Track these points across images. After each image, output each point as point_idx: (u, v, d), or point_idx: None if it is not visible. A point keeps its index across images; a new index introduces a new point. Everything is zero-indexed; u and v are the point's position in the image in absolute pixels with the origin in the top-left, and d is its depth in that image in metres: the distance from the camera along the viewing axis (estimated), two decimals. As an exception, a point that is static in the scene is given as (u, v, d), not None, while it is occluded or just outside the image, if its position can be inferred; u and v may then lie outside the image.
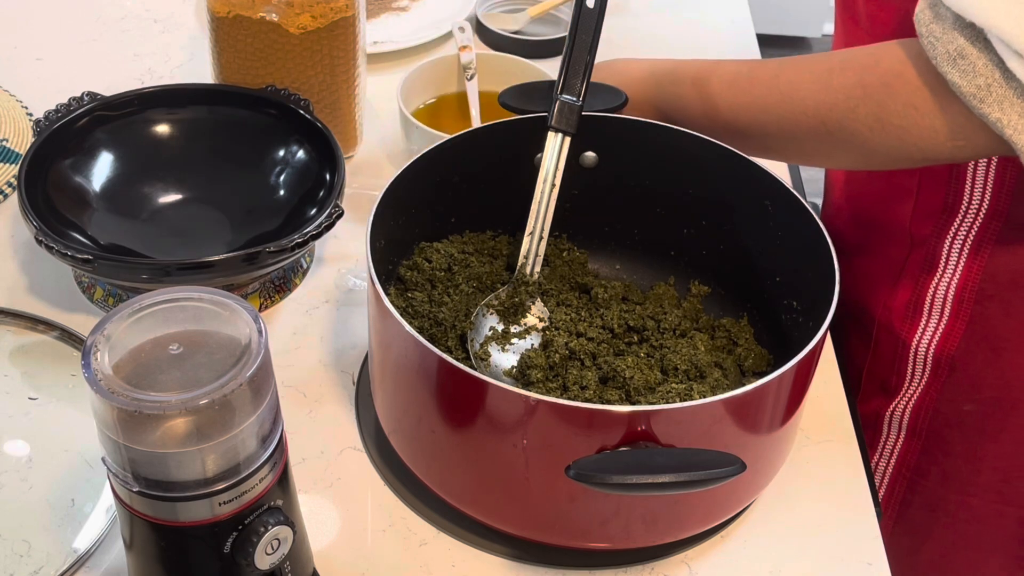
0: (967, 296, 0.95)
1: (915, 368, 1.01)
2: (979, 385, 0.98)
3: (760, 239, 0.91)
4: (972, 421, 1.00)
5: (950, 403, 1.00)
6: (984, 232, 0.93)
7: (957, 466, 1.03)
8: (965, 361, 0.98)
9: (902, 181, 0.96)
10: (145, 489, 0.63)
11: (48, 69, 1.25)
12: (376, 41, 1.28)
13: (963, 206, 0.92)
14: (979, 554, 1.07)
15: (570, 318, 0.89)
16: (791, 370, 0.74)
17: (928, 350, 0.99)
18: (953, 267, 0.95)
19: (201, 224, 1.03)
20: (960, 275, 0.95)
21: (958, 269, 0.95)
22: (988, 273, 0.94)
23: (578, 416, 0.71)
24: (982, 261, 0.94)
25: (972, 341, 0.97)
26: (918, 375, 1.01)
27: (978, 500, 1.04)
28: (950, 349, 0.98)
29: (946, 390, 1.00)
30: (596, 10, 0.89)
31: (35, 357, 0.94)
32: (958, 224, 0.93)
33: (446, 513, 0.84)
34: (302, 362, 0.95)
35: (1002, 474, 1.01)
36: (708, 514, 0.81)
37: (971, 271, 0.94)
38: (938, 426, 1.02)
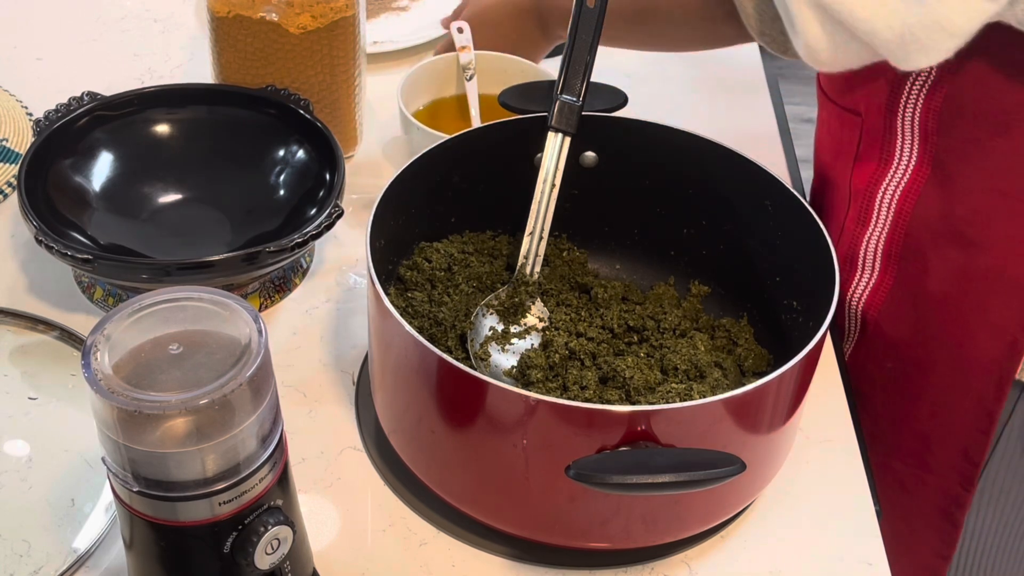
0: (894, 251, 0.96)
1: (849, 323, 1.02)
2: (900, 343, 0.99)
3: (760, 239, 0.91)
4: (894, 380, 1.01)
5: (874, 360, 1.01)
6: (911, 185, 0.93)
7: (882, 428, 1.03)
8: (888, 317, 0.99)
9: (848, 135, 0.98)
10: (145, 489, 0.64)
11: (48, 69, 1.25)
12: (376, 41, 1.28)
13: (895, 158, 0.93)
14: (906, 525, 1.07)
15: (570, 318, 0.89)
16: (791, 370, 0.74)
17: (858, 305, 1.00)
18: (884, 221, 0.95)
19: (201, 224, 1.03)
20: (888, 229, 0.95)
21: (887, 222, 0.95)
22: (912, 228, 0.94)
23: (578, 416, 0.71)
24: (906, 215, 0.94)
25: (895, 297, 0.98)
26: (851, 331, 1.02)
27: (901, 464, 1.04)
28: (877, 305, 0.99)
29: (871, 346, 1.01)
30: (596, 10, 0.89)
31: (35, 357, 0.94)
32: (890, 176, 0.94)
33: (446, 513, 0.84)
34: (302, 362, 0.95)
35: (922, 439, 1.02)
36: (708, 514, 0.81)
37: (897, 225, 0.95)
38: (864, 385, 1.03)
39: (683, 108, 1.25)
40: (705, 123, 0.93)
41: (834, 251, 0.81)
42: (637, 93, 0.97)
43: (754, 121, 1.25)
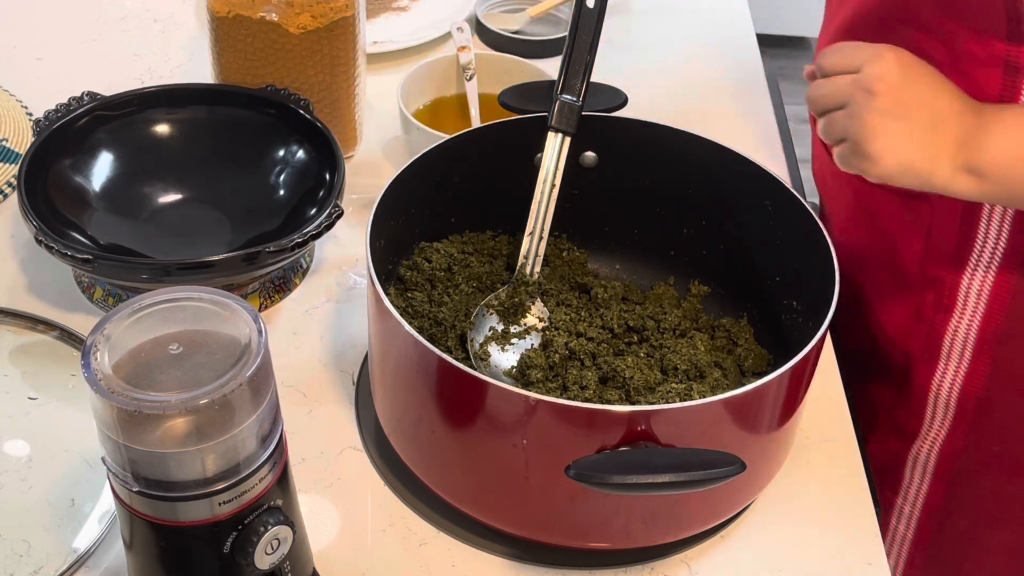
0: (989, 337, 0.92)
1: (936, 411, 0.98)
2: (1008, 427, 0.96)
3: (760, 239, 0.91)
4: (1001, 462, 0.98)
5: (978, 445, 0.97)
6: (1005, 272, 0.90)
7: (986, 505, 1.01)
8: (991, 404, 0.95)
9: (912, 219, 0.93)
10: (145, 489, 0.63)
11: (48, 69, 1.25)
12: (376, 41, 1.28)
13: (977, 244, 0.89)
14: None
15: (570, 318, 0.89)
16: (791, 370, 0.74)
17: (951, 393, 0.96)
18: (972, 308, 0.92)
19: (201, 224, 1.03)
20: (981, 316, 0.92)
21: (978, 310, 0.92)
22: (1011, 313, 0.91)
23: (578, 416, 0.71)
24: (1003, 301, 0.91)
25: (997, 383, 0.94)
26: (939, 418, 0.98)
27: (1011, 533, 1.02)
28: (975, 391, 0.95)
29: (973, 433, 0.97)
30: (596, 10, 0.89)
31: (35, 357, 0.94)
32: (974, 263, 0.90)
33: (446, 513, 0.84)
34: (302, 362, 0.95)
35: None
36: (708, 514, 0.81)
37: (992, 311, 0.91)
38: (965, 468, 0.99)
39: (683, 108, 1.25)
40: (705, 123, 0.93)
41: (834, 251, 0.81)
42: (637, 93, 0.97)
43: (754, 121, 1.25)
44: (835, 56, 0.80)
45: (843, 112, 0.79)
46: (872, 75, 0.77)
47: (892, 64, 0.78)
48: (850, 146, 0.79)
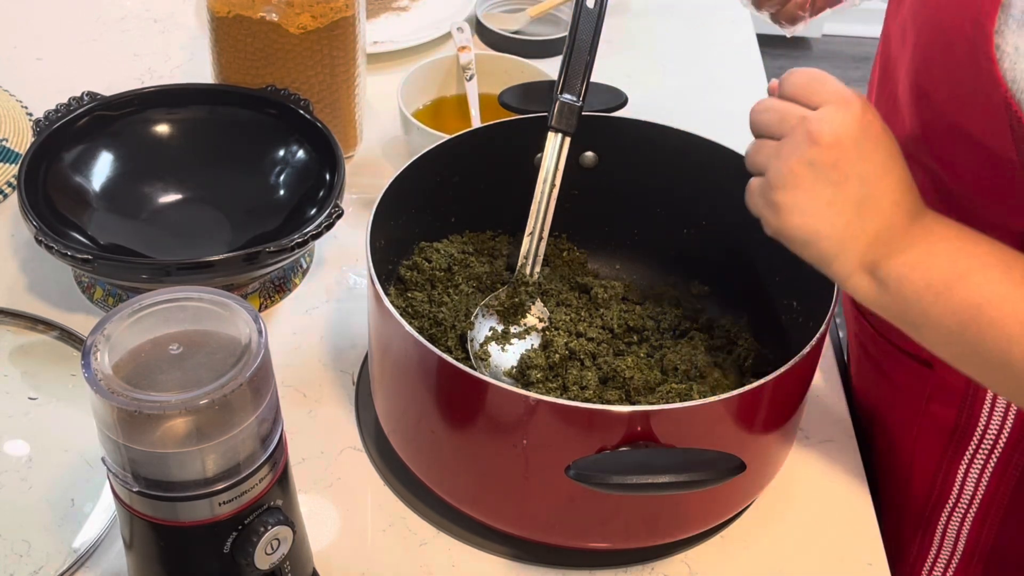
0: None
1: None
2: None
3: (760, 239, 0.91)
4: None
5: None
6: (1006, 464, 0.83)
7: None
8: None
9: (908, 380, 0.87)
10: (145, 489, 0.63)
11: (48, 69, 1.25)
12: (376, 41, 1.28)
13: (978, 431, 0.83)
14: None
15: (570, 318, 0.89)
16: (791, 370, 0.74)
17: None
18: (968, 500, 0.86)
19: (201, 224, 1.03)
20: (976, 510, 0.86)
21: (973, 503, 0.86)
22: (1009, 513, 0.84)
23: (578, 416, 0.71)
24: (1003, 498, 0.84)
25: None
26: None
27: None
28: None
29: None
30: (596, 10, 0.89)
31: (35, 357, 0.94)
32: (973, 451, 0.84)
33: (446, 513, 0.84)
34: (302, 362, 0.95)
35: None
36: (708, 514, 0.81)
37: (989, 513, 0.85)
38: None
39: (683, 108, 1.25)
40: (705, 123, 0.93)
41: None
42: (637, 93, 0.97)
43: (754, 121, 1.25)
44: (801, 82, 0.70)
45: (775, 144, 0.69)
46: (824, 121, 0.67)
47: (852, 120, 0.67)
48: (763, 184, 0.70)
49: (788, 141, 0.68)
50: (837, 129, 0.67)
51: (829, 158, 0.67)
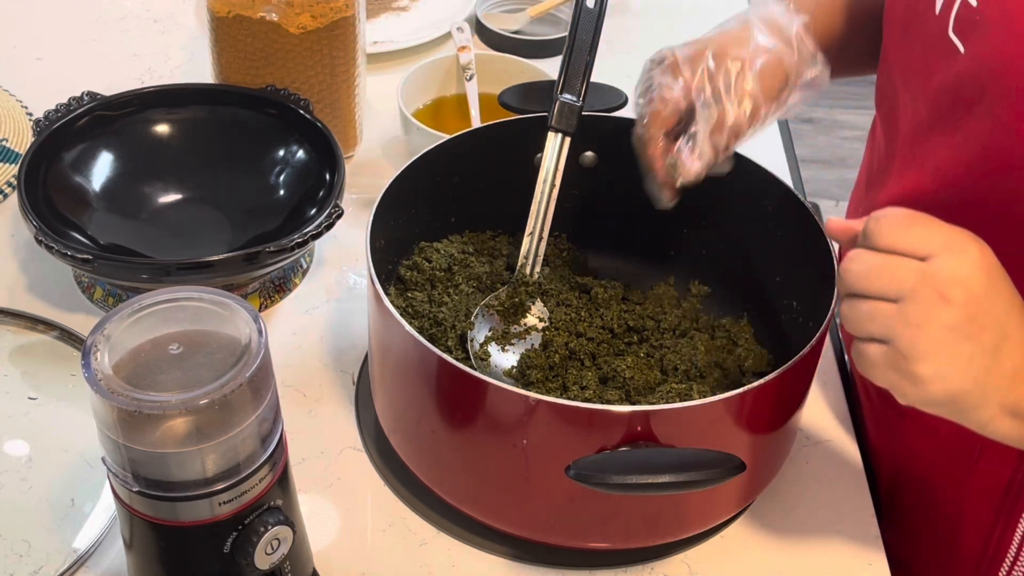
0: None
1: None
2: None
3: (760, 239, 0.91)
4: None
5: None
6: None
7: None
8: None
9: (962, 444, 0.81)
10: (145, 489, 0.63)
11: (48, 69, 1.25)
12: (376, 41, 1.28)
13: None
14: None
15: (570, 318, 0.89)
16: (791, 370, 0.74)
17: None
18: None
19: (201, 224, 1.03)
20: None
21: None
22: None
23: (578, 416, 0.71)
24: None
25: None
26: None
27: None
28: None
29: None
30: (596, 10, 0.89)
31: (35, 357, 0.94)
32: None
33: (446, 513, 0.84)
34: (302, 362, 0.95)
35: None
36: (708, 514, 0.81)
37: None
38: None
39: (683, 108, 1.25)
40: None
41: (834, 251, 0.81)
42: (637, 93, 0.97)
43: (754, 121, 1.25)
44: (899, 230, 0.63)
45: (895, 308, 0.62)
46: (951, 275, 0.61)
47: (977, 266, 0.62)
48: (892, 355, 0.63)
49: (914, 305, 0.62)
50: (967, 283, 0.62)
51: (965, 315, 0.62)
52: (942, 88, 0.74)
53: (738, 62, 0.80)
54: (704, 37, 0.85)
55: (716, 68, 0.80)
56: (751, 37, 0.82)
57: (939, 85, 0.74)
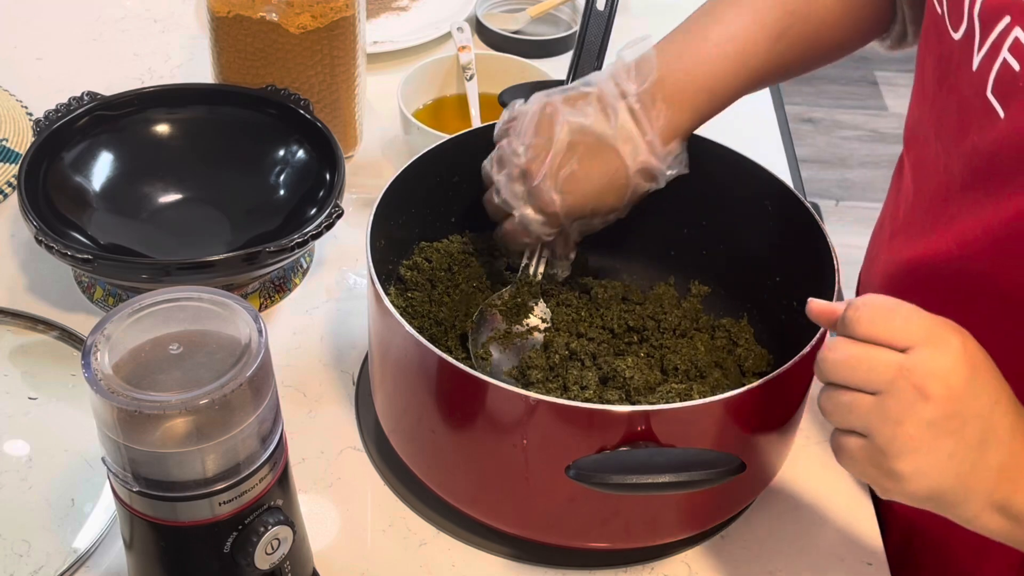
0: None
1: None
2: None
3: (760, 239, 0.91)
4: None
5: None
6: None
7: None
8: None
9: None
10: (145, 489, 0.63)
11: (48, 69, 1.25)
12: (376, 41, 1.28)
13: None
14: None
15: (570, 318, 0.89)
16: (791, 370, 0.74)
17: None
18: None
19: (201, 224, 1.03)
20: None
21: None
22: None
23: (578, 416, 0.71)
24: None
25: None
26: None
27: None
28: None
29: None
30: (606, 12, 0.89)
31: (35, 357, 0.94)
32: None
33: (446, 513, 0.84)
34: (302, 362, 0.95)
35: None
36: (708, 514, 0.81)
37: None
38: None
39: (683, 108, 1.25)
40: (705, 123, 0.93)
41: (834, 251, 0.81)
42: (637, 93, 0.97)
43: (754, 121, 1.25)
44: (879, 320, 0.61)
45: (874, 402, 0.61)
46: (930, 369, 0.59)
47: (958, 359, 0.60)
48: (871, 450, 0.62)
49: (893, 399, 0.60)
50: (947, 377, 0.59)
51: (945, 411, 0.59)
52: (977, 151, 0.70)
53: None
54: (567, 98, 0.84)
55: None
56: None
57: (974, 147, 0.70)
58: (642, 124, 0.82)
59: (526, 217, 0.84)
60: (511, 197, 0.84)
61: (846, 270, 0.82)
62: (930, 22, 0.75)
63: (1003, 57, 0.66)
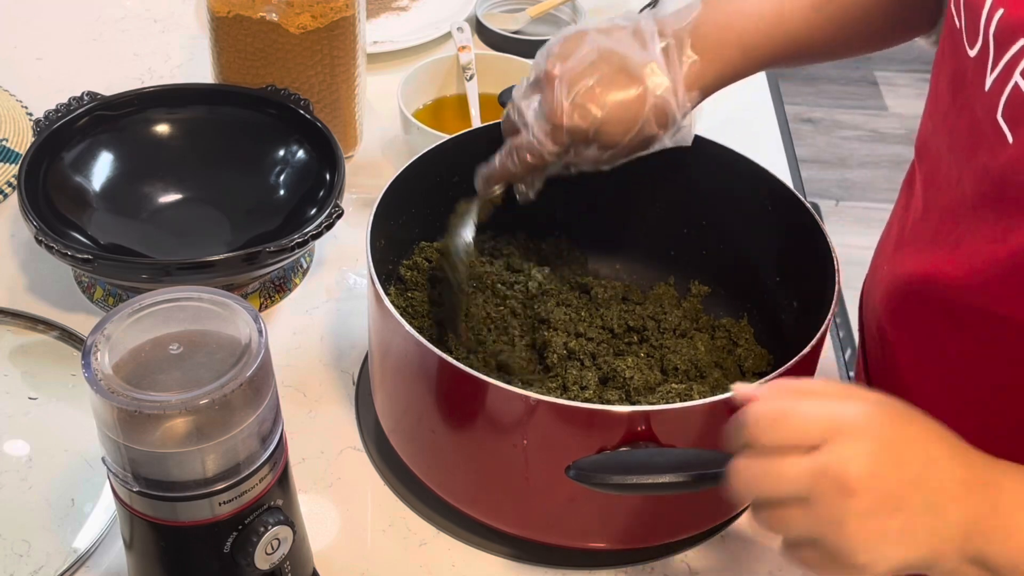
0: None
1: None
2: None
3: (760, 239, 0.91)
4: None
5: None
6: None
7: None
8: None
9: None
10: (145, 489, 0.64)
11: (48, 69, 1.25)
12: (376, 41, 1.28)
13: None
14: None
15: (570, 318, 0.89)
16: (791, 370, 0.74)
17: None
18: None
19: (201, 224, 1.03)
20: None
21: None
22: None
23: (578, 416, 0.71)
24: None
25: None
26: None
27: None
28: None
29: None
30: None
31: (35, 357, 0.94)
32: None
33: (446, 513, 0.84)
34: (302, 362, 0.95)
35: None
36: (708, 514, 0.81)
37: None
38: None
39: (683, 108, 1.25)
40: (705, 123, 0.93)
41: (834, 251, 0.81)
42: (637, 93, 0.97)
43: (754, 121, 1.25)
44: (775, 429, 0.59)
45: (803, 510, 0.59)
46: (843, 464, 0.57)
47: (869, 440, 0.58)
48: (824, 554, 0.59)
49: (820, 504, 0.58)
50: (863, 464, 0.57)
51: (877, 496, 0.57)
52: (987, 173, 0.69)
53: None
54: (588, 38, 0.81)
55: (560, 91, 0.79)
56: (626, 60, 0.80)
57: (984, 168, 0.69)
58: (672, 62, 0.80)
59: (533, 128, 0.80)
60: (524, 106, 0.80)
61: (846, 270, 0.82)
62: (948, 35, 0.74)
63: (1015, 80, 0.65)
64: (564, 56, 0.80)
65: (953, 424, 0.69)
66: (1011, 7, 0.65)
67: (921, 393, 0.78)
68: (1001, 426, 0.73)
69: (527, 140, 0.81)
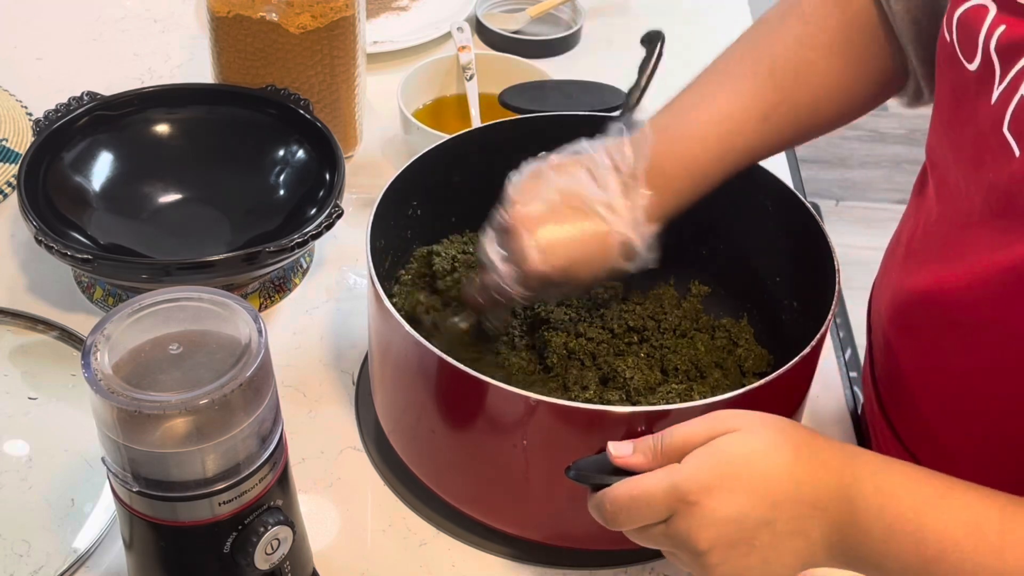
0: None
1: None
2: None
3: (760, 239, 0.91)
4: None
5: None
6: None
7: None
8: None
9: None
10: (145, 489, 0.63)
11: (48, 69, 1.25)
12: (376, 41, 1.28)
13: None
14: None
15: (569, 318, 0.89)
16: (791, 370, 0.74)
17: None
18: None
19: (201, 224, 1.03)
20: None
21: None
22: None
23: (578, 416, 0.71)
24: None
25: None
26: None
27: None
28: None
29: None
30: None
31: (35, 357, 0.94)
32: None
33: (446, 513, 0.84)
34: (302, 362, 0.95)
35: None
36: (708, 514, 0.81)
37: None
38: None
39: (683, 108, 1.24)
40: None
41: (834, 251, 0.81)
42: (637, 93, 0.97)
43: (754, 121, 1.25)
44: (623, 517, 0.67)
45: (681, 560, 0.68)
46: (688, 535, 0.65)
47: (706, 506, 0.64)
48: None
49: (685, 556, 0.66)
50: (705, 533, 0.64)
51: (724, 549, 0.65)
52: (995, 185, 0.69)
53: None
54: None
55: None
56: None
57: (992, 181, 0.70)
58: (632, 198, 0.81)
59: (503, 273, 0.80)
60: (492, 252, 0.81)
61: (846, 270, 0.82)
62: (942, 49, 0.74)
63: (1021, 94, 0.65)
64: (526, 200, 0.80)
65: (958, 433, 0.70)
66: (1013, 25, 0.66)
67: (925, 400, 0.79)
68: (1005, 436, 0.74)
69: (496, 283, 0.81)
